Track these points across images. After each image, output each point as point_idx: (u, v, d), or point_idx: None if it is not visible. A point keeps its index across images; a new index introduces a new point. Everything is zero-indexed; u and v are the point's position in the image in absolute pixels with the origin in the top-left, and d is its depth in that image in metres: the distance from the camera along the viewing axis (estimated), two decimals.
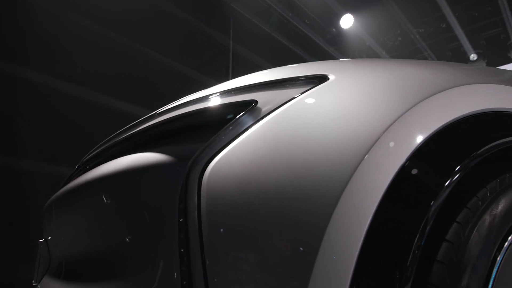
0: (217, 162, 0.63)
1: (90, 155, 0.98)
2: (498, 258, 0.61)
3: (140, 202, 0.72)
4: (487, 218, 0.62)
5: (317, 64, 0.82)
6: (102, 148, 0.91)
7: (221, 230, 0.57)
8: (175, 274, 0.60)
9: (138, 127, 0.82)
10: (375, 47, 7.31)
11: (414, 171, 0.62)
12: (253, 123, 0.66)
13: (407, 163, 0.62)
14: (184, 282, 0.58)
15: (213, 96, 0.77)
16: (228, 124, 0.67)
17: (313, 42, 6.95)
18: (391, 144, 0.62)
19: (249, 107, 0.69)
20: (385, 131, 0.63)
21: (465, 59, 6.98)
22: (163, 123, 0.77)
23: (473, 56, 7.05)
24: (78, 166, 1.03)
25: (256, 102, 0.70)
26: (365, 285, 0.55)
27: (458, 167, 0.64)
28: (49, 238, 1.07)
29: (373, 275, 0.55)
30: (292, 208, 0.56)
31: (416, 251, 0.56)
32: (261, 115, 0.67)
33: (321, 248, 0.53)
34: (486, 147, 0.72)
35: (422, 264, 0.58)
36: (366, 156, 0.60)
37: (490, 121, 0.77)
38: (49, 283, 1.01)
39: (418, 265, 0.56)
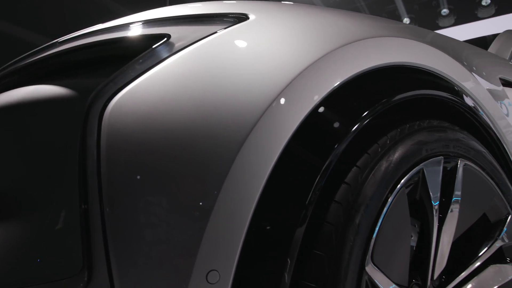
0: (121, 98, 0.58)
1: None
2: (389, 199, 0.66)
3: (37, 139, 0.66)
4: (383, 163, 0.67)
5: (239, 3, 0.78)
6: None
7: (120, 168, 0.54)
8: (74, 214, 0.56)
9: (37, 56, 0.73)
10: (317, 2, 7.28)
11: (323, 115, 0.64)
12: (164, 58, 0.62)
13: (317, 108, 0.63)
14: (83, 222, 0.55)
15: (123, 27, 0.70)
16: (137, 58, 0.62)
17: None
18: (303, 88, 0.63)
19: (161, 41, 0.64)
20: (298, 75, 0.63)
21: None
22: (65, 53, 0.69)
23: (406, 20, 7.36)
24: None
25: (169, 36, 0.65)
26: (266, 223, 0.56)
27: (365, 113, 0.67)
28: None
29: (274, 213, 0.57)
30: (197, 148, 0.55)
31: (317, 191, 0.59)
32: (174, 51, 0.63)
33: (223, 188, 0.53)
34: (395, 98, 0.75)
35: (320, 203, 0.61)
36: (277, 98, 0.60)
37: (401, 74, 0.81)
38: None
39: (316, 204, 0.59)
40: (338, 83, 0.67)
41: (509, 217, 0.89)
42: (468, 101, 0.97)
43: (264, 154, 0.56)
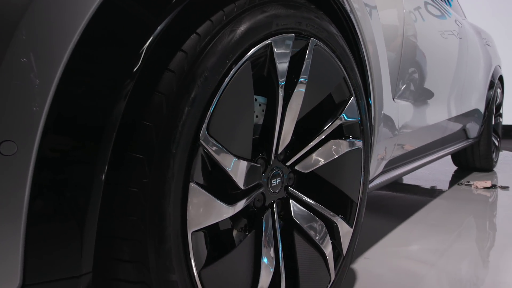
0: None
1: None
2: (232, 70, 0.63)
3: None
4: (227, 33, 0.62)
5: None
6: None
7: None
8: None
9: None
10: None
11: None
12: None
13: None
14: None
15: None
16: None
17: None
18: None
19: None
20: None
21: None
22: None
23: None
24: None
25: None
26: (79, 91, 0.49)
27: None
28: None
29: (91, 80, 0.49)
30: None
31: (146, 57, 0.52)
32: None
33: (13, 42, 0.42)
34: None
35: (151, 72, 0.55)
36: None
37: None
38: None
39: (146, 72, 0.53)
40: None
41: (351, 99, 0.97)
42: None
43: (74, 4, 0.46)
